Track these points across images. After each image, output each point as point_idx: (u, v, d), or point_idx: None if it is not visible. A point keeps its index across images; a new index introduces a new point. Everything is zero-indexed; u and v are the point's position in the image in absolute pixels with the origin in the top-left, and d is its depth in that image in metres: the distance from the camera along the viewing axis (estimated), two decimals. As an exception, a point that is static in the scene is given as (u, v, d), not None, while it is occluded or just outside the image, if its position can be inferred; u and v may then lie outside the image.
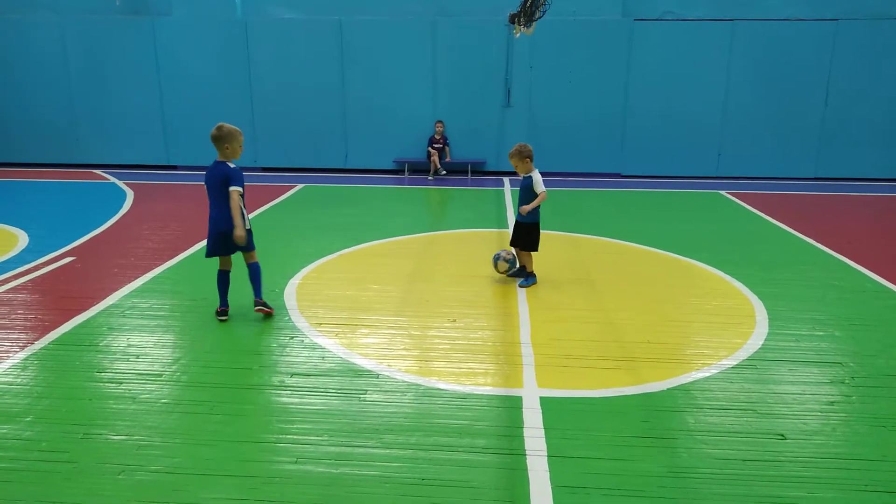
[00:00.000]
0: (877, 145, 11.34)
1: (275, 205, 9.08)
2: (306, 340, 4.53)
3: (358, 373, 4.06)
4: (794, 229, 7.82)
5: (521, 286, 5.70)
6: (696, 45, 11.23)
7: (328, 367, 4.13)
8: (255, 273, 4.96)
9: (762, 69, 11.21)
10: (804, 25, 11.04)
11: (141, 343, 4.47)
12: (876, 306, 5.34)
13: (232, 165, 4.72)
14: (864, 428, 3.49)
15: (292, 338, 4.57)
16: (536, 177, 5.58)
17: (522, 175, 5.69)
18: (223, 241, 4.77)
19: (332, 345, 4.45)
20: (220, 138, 4.67)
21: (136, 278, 5.82)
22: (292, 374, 4.02)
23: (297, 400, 3.73)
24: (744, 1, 11.22)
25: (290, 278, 5.84)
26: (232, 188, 4.60)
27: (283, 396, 3.77)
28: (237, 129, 4.75)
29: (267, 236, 7.43)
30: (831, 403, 3.74)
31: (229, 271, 5.00)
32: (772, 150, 11.53)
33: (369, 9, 11.67)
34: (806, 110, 11.32)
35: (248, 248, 4.91)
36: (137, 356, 4.26)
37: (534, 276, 5.81)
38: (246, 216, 4.75)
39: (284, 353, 4.33)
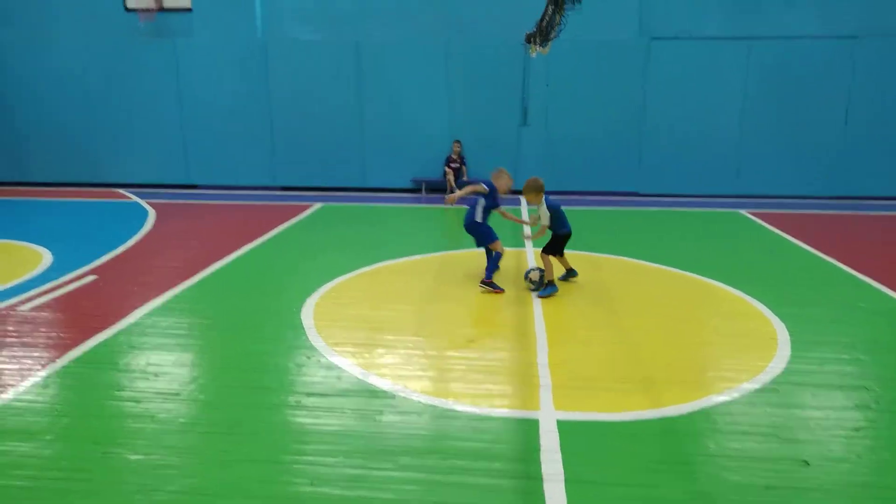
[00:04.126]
0: (898, 163, 11.18)
1: (293, 224, 9.16)
2: (323, 360, 4.53)
3: (374, 393, 4.05)
4: (816, 249, 7.71)
5: (539, 296, 5.85)
6: (713, 63, 11.20)
7: (344, 387, 4.13)
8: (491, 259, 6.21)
9: (779, 87, 11.14)
10: (822, 43, 10.97)
11: (160, 362, 4.51)
12: (902, 329, 5.23)
13: None
14: (892, 455, 3.40)
15: (309, 357, 4.58)
16: (543, 210, 6.09)
17: (532, 205, 6.22)
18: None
19: (349, 365, 4.45)
20: None
21: (157, 297, 5.88)
22: (309, 394, 4.03)
23: (313, 420, 3.72)
24: (760, 19, 11.20)
25: (307, 297, 5.86)
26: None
27: (299, 416, 3.77)
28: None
29: (285, 255, 7.50)
30: (857, 429, 3.65)
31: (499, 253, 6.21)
32: (791, 168, 11.42)
33: (387, 29, 11.82)
34: (825, 128, 11.21)
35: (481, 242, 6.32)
36: (157, 375, 4.30)
37: (553, 285, 5.95)
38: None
39: (301, 373, 4.34)
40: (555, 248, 6.22)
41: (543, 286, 5.98)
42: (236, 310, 5.62)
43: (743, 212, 10.18)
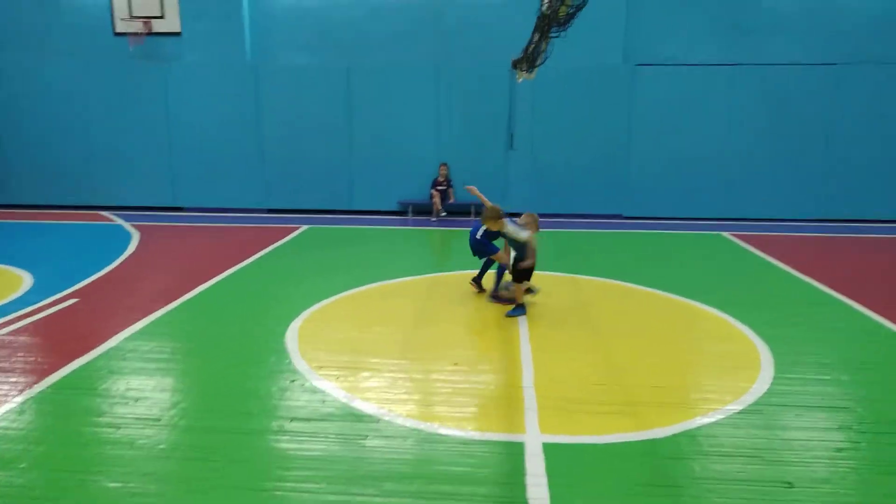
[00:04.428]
0: (878, 187, 11.38)
1: (279, 246, 9.13)
2: (307, 384, 4.49)
3: (359, 417, 4.01)
4: (797, 270, 7.79)
5: (506, 315, 6.00)
6: (698, 89, 11.40)
7: (328, 411, 4.09)
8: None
9: (763, 113, 11.35)
10: (804, 70, 11.21)
11: (140, 387, 4.44)
12: (882, 349, 5.28)
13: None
14: (874, 476, 3.41)
15: (293, 381, 4.54)
16: (510, 228, 6.15)
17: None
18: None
19: (333, 388, 4.41)
20: None
21: (139, 321, 5.82)
22: (292, 419, 3.98)
23: (296, 446, 3.67)
24: (744, 46, 11.44)
25: (291, 320, 5.82)
26: None
27: (282, 442, 3.72)
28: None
29: (270, 278, 7.46)
30: (839, 450, 3.66)
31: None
32: (773, 191, 11.58)
33: (377, 55, 11.95)
34: (807, 152, 11.41)
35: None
36: (137, 400, 4.23)
37: (522, 308, 6.03)
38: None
39: (284, 398, 4.29)
40: (522, 275, 6.04)
41: (515, 305, 6.13)
42: (219, 334, 5.57)
43: (726, 234, 10.28)
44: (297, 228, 10.55)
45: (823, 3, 11.28)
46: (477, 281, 6.79)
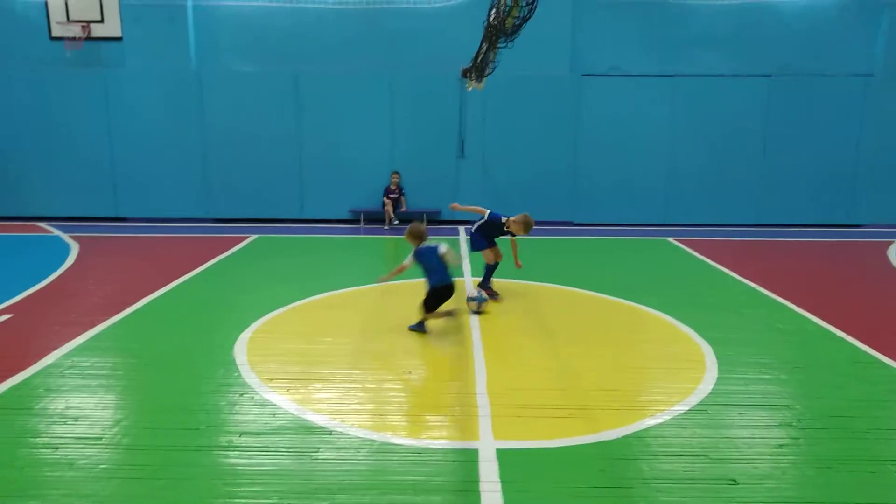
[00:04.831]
0: (810, 193, 11.95)
1: (227, 256, 8.92)
2: (257, 397, 4.39)
3: (310, 430, 3.94)
4: (738, 274, 8.09)
5: (409, 328, 5.81)
6: (641, 99, 11.75)
7: (279, 424, 4.01)
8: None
9: (702, 122, 11.78)
10: (740, 81, 11.70)
11: (80, 405, 4.26)
12: (818, 348, 5.52)
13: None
14: (813, 470, 3.55)
15: (242, 395, 4.43)
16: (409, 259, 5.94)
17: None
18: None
19: (284, 401, 4.33)
20: None
21: (78, 335, 5.58)
22: (241, 434, 3.88)
23: (245, 461, 3.59)
24: (683, 58, 11.85)
25: (240, 332, 5.69)
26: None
27: (231, 457, 3.62)
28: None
29: (217, 289, 7.28)
30: (780, 446, 3.80)
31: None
32: (714, 198, 12.02)
33: (326, 62, 11.85)
34: (745, 160, 11.90)
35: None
36: (76, 419, 4.05)
37: (423, 326, 5.77)
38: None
39: (233, 412, 4.19)
40: (428, 303, 5.77)
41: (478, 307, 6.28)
42: (164, 347, 5.39)
43: (671, 240, 10.59)
44: (245, 238, 10.34)
45: (757, 19, 11.79)
46: (482, 289, 6.70)
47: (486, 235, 6.97)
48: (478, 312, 6.29)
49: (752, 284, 7.60)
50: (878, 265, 8.82)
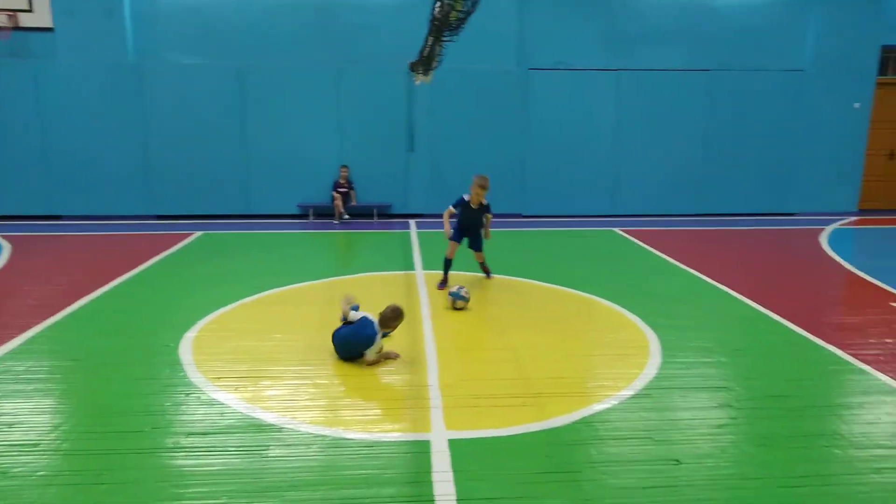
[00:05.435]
0: (749, 183, 12.43)
1: (170, 254, 8.66)
2: (203, 397, 4.30)
3: (260, 428, 3.88)
4: (680, 262, 8.35)
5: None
6: (588, 92, 11.97)
7: (227, 423, 3.93)
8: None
9: (647, 115, 12.09)
10: (681, 75, 12.05)
11: (15, 410, 4.08)
12: (755, 331, 5.76)
13: None
14: (751, 448, 3.71)
15: (188, 395, 4.33)
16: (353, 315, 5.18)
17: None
18: None
19: (232, 400, 4.25)
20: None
21: (12, 339, 5.33)
22: (188, 434, 3.79)
23: (193, 462, 3.51)
24: (626, 52, 12.11)
25: (186, 331, 5.54)
26: None
27: (177, 459, 3.54)
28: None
29: (160, 288, 7.07)
30: (720, 426, 3.96)
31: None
32: (659, 189, 12.36)
33: (272, 55, 11.61)
34: (687, 152, 12.27)
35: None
36: (11, 425, 3.88)
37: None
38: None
39: (179, 412, 4.08)
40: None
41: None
42: (104, 349, 5.21)
43: (617, 230, 10.85)
44: (189, 235, 10.06)
45: (698, 16, 12.14)
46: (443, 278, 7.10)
47: (461, 226, 7.15)
48: (458, 308, 6.28)
49: (695, 272, 7.85)
50: (812, 252, 9.25)
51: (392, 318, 4.97)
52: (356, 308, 5.13)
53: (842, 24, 12.12)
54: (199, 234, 10.20)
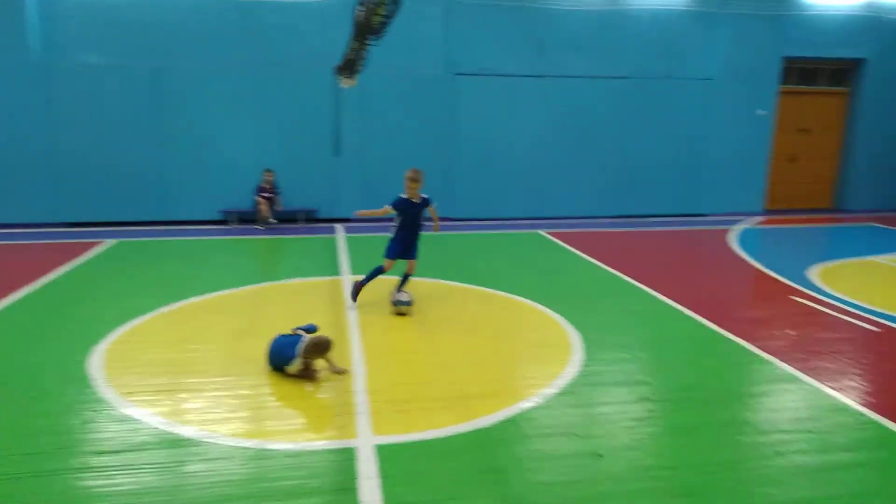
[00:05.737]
0: (663, 185, 13.00)
1: (79, 264, 8.17)
2: (115, 413, 4.07)
3: (177, 443, 3.71)
4: (600, 262, 8.62)
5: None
6: (512, 98, 12.17)
7: (141, 440, 3.74)
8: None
9: (567, 121, 12.42)
10: (600, 82, 12.46)
11: None
12: (670, 327, 6.02)
13: None
14: (669, 439, 3.87)
15: (97, 412, 4.09)
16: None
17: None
18: None
19: (147, 415, 4.05)
20: None
21: None
22: (98, 453, 3.58)
23: (103, 482, 3.31)
24: (548, 60, 12.41)
25: (94, 344, 5.24)
26: None
27: (85, 480, 3.33)
28: None
29: (68, 299, 6.65)
30: (640, 419, 4.10)
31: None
32: (580, 192, 12.73)
33: (190, 56, 11.18)
34: (606, 156, 12.70)
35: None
36: None
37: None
38: None
39: (87, 430, 3.85)
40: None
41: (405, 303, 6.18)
42: (4, 366, 4.85)
43: (542, 232, 11.09)
44: (100, 243, 9.53)
45: (616, 26, 12.57)
46: (358, 285, 6.49)
47: (404, 225, 6.55)
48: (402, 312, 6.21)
49: (614, 271, 8.12)
50: (720, 250, 9.76)
51: (313, 350, 4.61)
52: (311, 329, 4.95)
53: (748, 36, 12.90)
54: (113, 241, 9.68)
